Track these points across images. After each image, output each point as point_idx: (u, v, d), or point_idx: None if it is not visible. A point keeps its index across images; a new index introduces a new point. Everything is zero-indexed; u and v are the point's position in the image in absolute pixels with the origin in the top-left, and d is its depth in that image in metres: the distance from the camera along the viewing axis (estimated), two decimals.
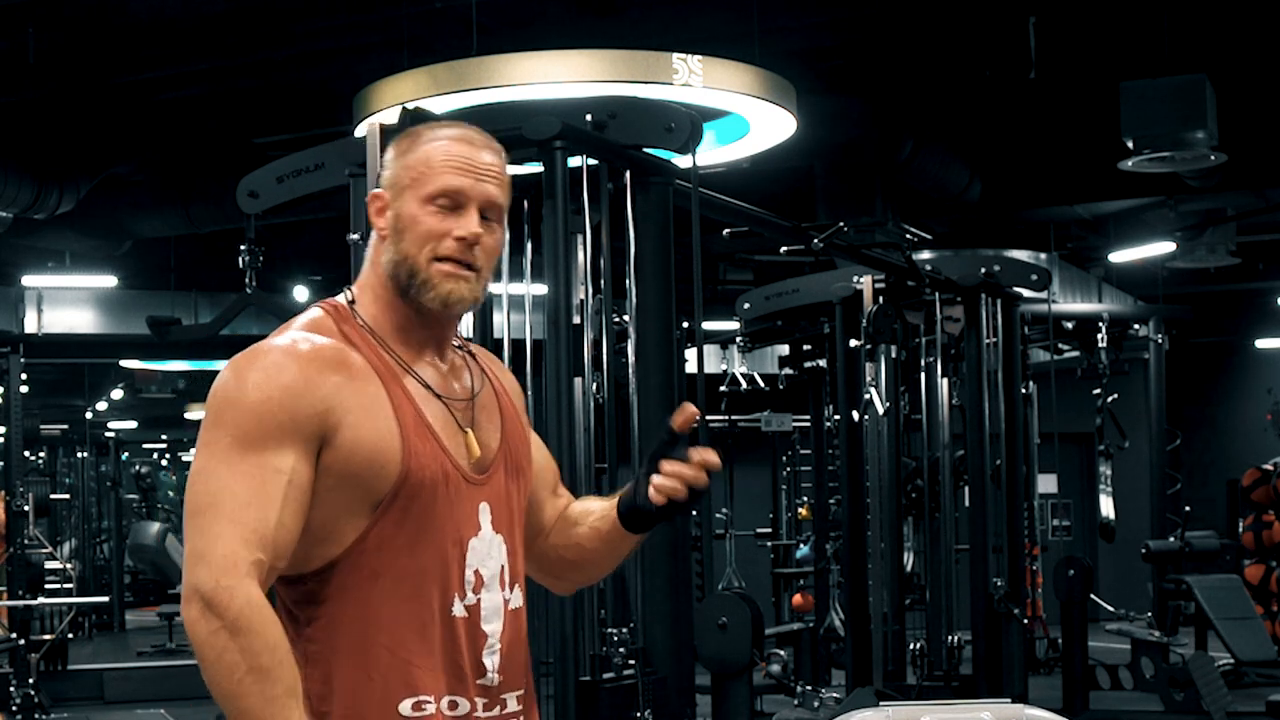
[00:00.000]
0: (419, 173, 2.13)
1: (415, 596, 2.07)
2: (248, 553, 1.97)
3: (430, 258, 2.11)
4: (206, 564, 1.96)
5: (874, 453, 7.73)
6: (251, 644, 1.94)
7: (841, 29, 8.99)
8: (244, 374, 2.05)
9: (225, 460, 2.01)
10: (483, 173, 2.14)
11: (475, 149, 2.15)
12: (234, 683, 1.95)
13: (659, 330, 4.92)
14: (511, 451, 2.22)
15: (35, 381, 14.28)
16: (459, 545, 2.11)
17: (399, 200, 2.13)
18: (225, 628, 1.94)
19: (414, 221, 2.11)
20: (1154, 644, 9.46)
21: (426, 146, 2.14)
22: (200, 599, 1.95)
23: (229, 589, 1.94)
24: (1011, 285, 8.17)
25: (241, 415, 2.02)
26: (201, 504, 2.00)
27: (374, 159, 4.35)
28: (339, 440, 2.04)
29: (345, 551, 2.06)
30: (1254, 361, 16.64)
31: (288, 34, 8.38)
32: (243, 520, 1.98)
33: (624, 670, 4.66)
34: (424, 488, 2.07)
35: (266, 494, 1.99)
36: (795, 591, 12.27)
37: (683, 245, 4.99)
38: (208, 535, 1.97)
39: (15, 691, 8.83)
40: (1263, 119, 10.00)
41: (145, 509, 19.29)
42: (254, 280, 5.46)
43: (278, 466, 2.00)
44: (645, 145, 4.85)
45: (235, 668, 1.94)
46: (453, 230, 2.11)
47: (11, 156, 9.24)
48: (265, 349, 2.08)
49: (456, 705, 2.09)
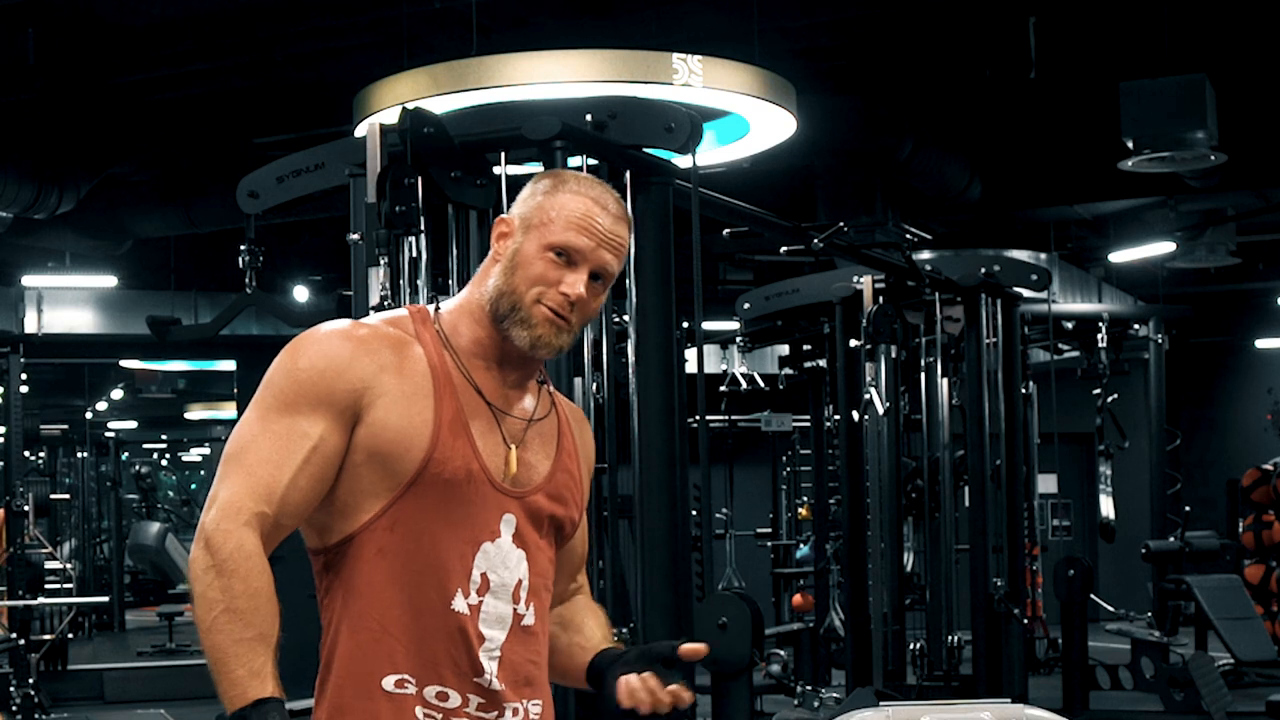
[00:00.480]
0: (549, 219, 2.21)
1: (416, 581, 2.15)
2: (253, 503, 2.08)
3: (535, 299, 2.20)
4: (216, 507, 2.08)
5: (874, 453, 7.73)
6: (233, 585, 2.04)
7: (841, 29, 8.99)
8: (301, 346, 2.17)
9: (261, 418, 2.13)
10: (605, 240, 2.22)
11: (608, 216, 2.24)
12: (210, 619, 2.05)
13: (659, 330, 4.92)
14: (558, 485, 2.28)
15: (35, 381, 14.27)
16: (472, 545, 2.17)
17: (525, 236, 2.22)
18: (214, 566, 2.05)
19: (529, 263, 2.20)
20: (1154, 644, 9.45)
21: (566, 197, 2.23)
22: (203, 537, 2.06)
23: (226, 531, 2.06)
24: (1011, 285, 8.17)
25: (286, 381, 2.15)
26: (230, 452, 2.14)
27: (374, 159, 4.35)
28: (370, 418, 2.13)
29: (361, 527, 2.15)
30: (1254, 361, 16.64)
31: (287, 34, 8.38)
32: (257, 474, 2.10)
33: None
34: (444, 480, 2.15)
35: (288, 453, 2.11)
36: (795, 591, 12.27)
37: (683, 245, 4.99)
38: (224, 481, 2.11)
39: (15, 691, 8.82)
40: (1263, 119, 10.00)
41: (145, 509, 19.27)
42: (254, 280, 5.45)
43: (306, 431, 2.12)
44: (645, 145, 4.85)
45: (214, 605, 2.04)
46: (561, 284, 2.20)
47: (11, 156, 9.24)
48: (328, 326, 2.20)
49: (446, 697, 2.15)
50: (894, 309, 7.55)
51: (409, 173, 4.17)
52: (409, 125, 4.16)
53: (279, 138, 9.71)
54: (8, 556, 9.85)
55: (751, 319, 8.80)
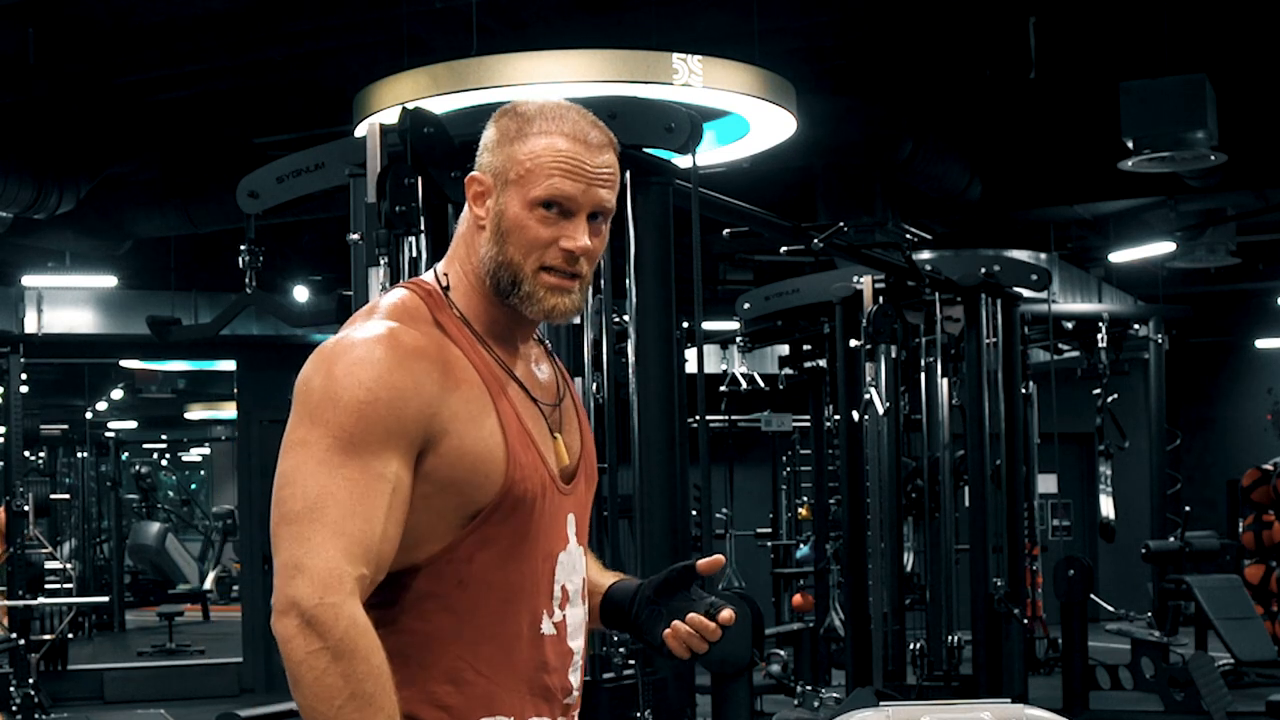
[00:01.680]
0: (526, 170, 1.97)
1: (504, 612, 1.96)
2: (353, 568, 1.83)
3: (536, 267, 1.98)
4: (308, 577, 1.81)
5: (874, 453, 7.73)
6: (355, 669, 1.81)
7: (841, 29, 8.99)
8: (344, 367, 1.89)
9: (325, 462, 1.85)
10: (595, 177, 1.99)
11: (591, 151, 1.99)
12: (333, 709, 1.80)
13: (659, 330, 4.92)
14: (588, 459, 2.14)
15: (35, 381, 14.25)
16: (550, 559, 2.01)
17: (503, 195, 1.98)
18: (328, 649, 1.80)
19: (519, 226, 1.97)
20: (1154, 644, 9.45)
21: (538, 140, 1.98)
22: (299, 615, 1.81)
23: (334, 606, 1.80)
24: (1011, 285, 8.18)
25: (343, 414, 1.86)
26: (298, 510, 1.84)
27: (374, 159, 4.35)
28: (444, 447, 1.91)
29: (431, 558, 1.94)
30: (1254, 361, 16.64)
31: (288, 34, 8.38)
32: (347, 531, 1.83)
33: (624, 670, 4.66)
34: (525, 501, 1.96)
35: (371, 502, 1.85)
36: (795, 591, 12.28)
37: (683, 245, 4.99)
38: (308, 545, 1.82)
39: (15, 691, 8.82)
40: (1263, 119, 10.00)
41: (145, 509, 19.27)
42: (254, 280, 5.45)
43: (381, 472, 1.86)
44: (645, 145, 4.85)
45: (336, 693, 1.80)
46: (560, 240, 1.97)
47: (11, 156, 9.23)
48: (362, 340, 1.91)
49: None
50: (894, 309, 7.55)
51: (409, 173, 4.17)
52: (409, 125, 4.17)
53: (279, 138, 9.71)
54: (8, 556, 9.85)
55: (751, 319, 8.81)
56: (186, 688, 11.82)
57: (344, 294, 4.93)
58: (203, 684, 11.89)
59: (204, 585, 18.01)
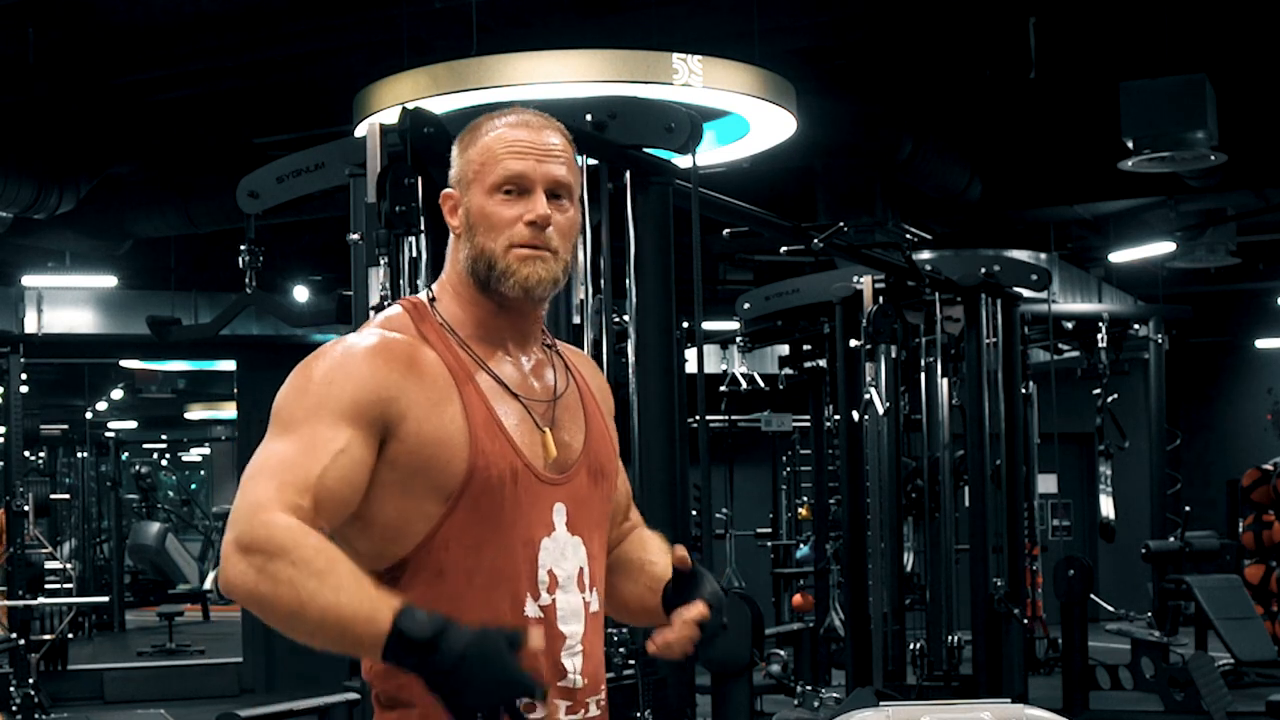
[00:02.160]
0: (481, 164, 2.12)
1: (483, 596, 2.03)
2: (282, 495, 1.90)
3: (506, 246, 2.10)
4: (240, 517, 1.90)
5: (874, 453, 7.73)
6: (303, 554, 1.85)
7: (841, 29, 8.98)
8: (311, 366, 2.05)
9: (278, 437, 1.99)
10: (544, 153, 2.12)
11: (534, 131, 2.14)
12: (301, 592, 1.83)
13: (659, 330, 4.92)
14: (594, 454, 2.19)
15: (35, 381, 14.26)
16: (530, 545, 2.07)
17: (467, 195, 2.13)
18: (271, 556, 1.85)
19: (484, 214, 2.11)
20: (1154, 644, 9.45)
21: (486, 138, 2.13)
22: (238, 550, 1.87)
23: (264, 523, 1.87)
24: (1011, 285, 8.18)
25: (303, 399, 2.01)
26: (246, 475, 1.96)
27: (374, 159, 4.35)
28: (402, 432, 2.01)
29: (414, 549, 2.03)
30: (1254, 361, 16.64)
31: (287, 34, 8.37)
32: (280, 475, 1.93)
33: (624, 670, 4.66)
34: (491, 485, 2.04)
35: (313, 454, 1.95)
36: (795, 591, 12.28)
37: (683, 245, 4.99)
38: (245, 496, 1.92)
39: (15, 691, 8.82)
40: (1263, 119, 10.00)
41: (145, 509, 19.28)
42: (254, 280, 5.45)
43: (330, 436, 1.97)
44: (645, 145, 4.85)
45: (295, 580, 1.84)
46: (522, 215, 2.09)
47: (11, 156, 9.23)
48: (336, 342, 2.08)
49: (533, 708, 2.03)
50: (894, 309, 7.55)
51: (409, 173, 4.17)
52: (409, 125, 4.16)
53: (279, 138, 9.71)
54: (8, 556, 9.85)
55: (751, 319, 8.81)
56: (186, 688, 11.82)
57: (344, 294, 4.92)
58: (203, 684, 11.89)
59: (204, 585, 18.01)
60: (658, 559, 2.30)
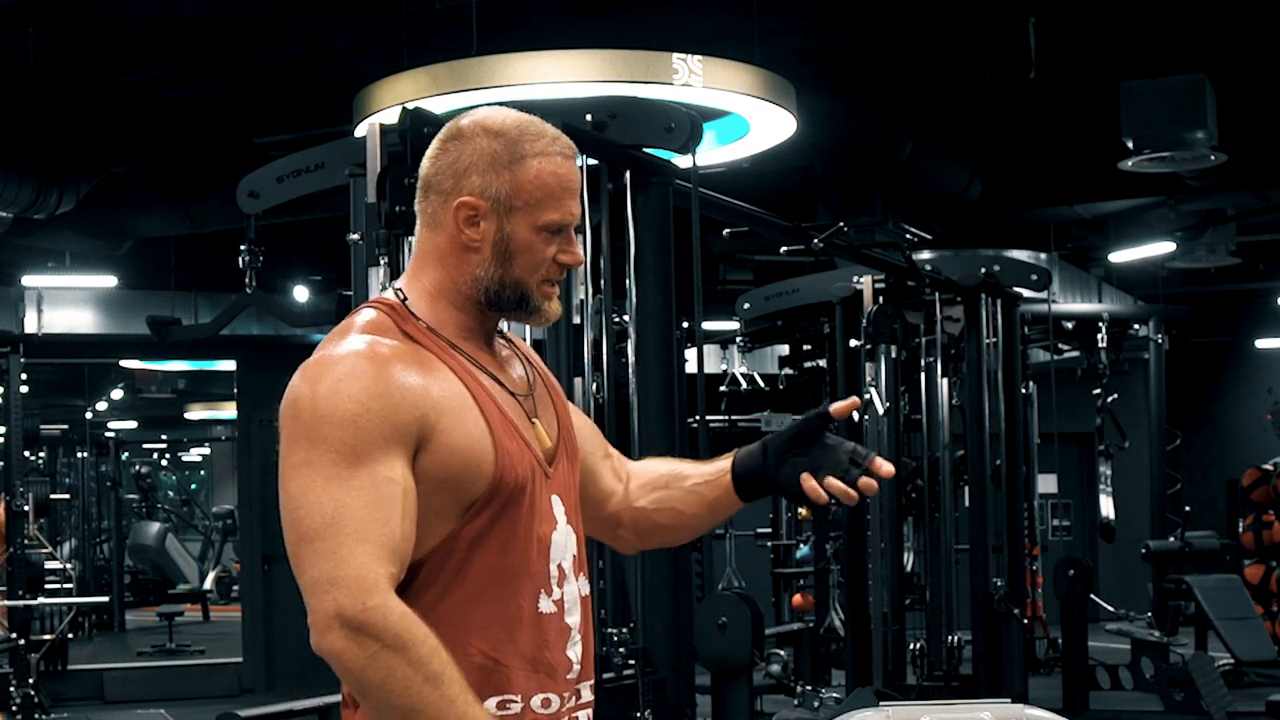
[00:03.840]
0: (536, 199, 2.06)
1: (505, 596, 2.03)
2: (383, 568, 1.90)
3: (540, 282, 2.09)
4: (345, 588, 1.88)
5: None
6: (419, 654, 1.88)
7: (841, 29, 8.99)
8: (330, 384, 1.96)
9: (334, 478, 1.92)
10: (578, 190, 2.12)
11: (572, 164, 2.11)
12: (413, 696, 1.87)
13: (659, 330, 4.92)
14: (567, 437, 2.20)
15: (35, 381, 14.25)
16: (543, 541, 2.07)
17: (508, 220, 2.07)
18: (386, 647, 1.87)
19: (528, 248, 2.07)
20: (1154, 644, 9.45)
21: (537, 166, 2.07)
22: (345, 625, 1.87)
23: (380, 608, 1.87)
24: (1011, 285, 8.18)
25: (340, 428, 1.93)
26: (317, 526, 1.91)
27: (374, 159, 4.35)
28: (435, 444, 1.98)
29: (431, 552, 2.01)
30: (1254, 361, 16.64)
31: (288, 34, 8.38)
32: (369, 537, 1.90)
33: (624, 670, 4.66)
34: (516, 488, 2.04)
35: (386, 507, 1.92)
36: (795, 591, 12.27)
37: (683, 245, 4.99)
38: (336, 558, 1.89)
39: (15, 691, 8.82)
40: (1263, 119, 10.00)
41: (145, 509, 19.28)
42: (254, 280, 5.46)
43: (390, 476, 1.93)
44: (645, 145, 4.85)
45: (410, 681, 1.87)
46: (557, 255, 2.09)
47: (11, 156, 9.23)
48: (343, 356, 1.99)
49: (550, 703, 2.06)
50: (894, 309, 7.55)
51: (409, 173, 4.16)
52: (409, 125, 4.16)
53: (279, 138, 9.70)
54: (8, 556, 9.85)
55: (751, 319, 8.81)
56: (186, 688, 11.82)
57: (344, 294, 4.93)
58: (203, 684, 11.89)
59: (204, 585, 18.01)
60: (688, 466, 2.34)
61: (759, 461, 2.24)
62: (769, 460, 2.23)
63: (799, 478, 2.17)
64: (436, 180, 2.11)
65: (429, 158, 2.13)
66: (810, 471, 2.18)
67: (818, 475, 2.18)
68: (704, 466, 2.32)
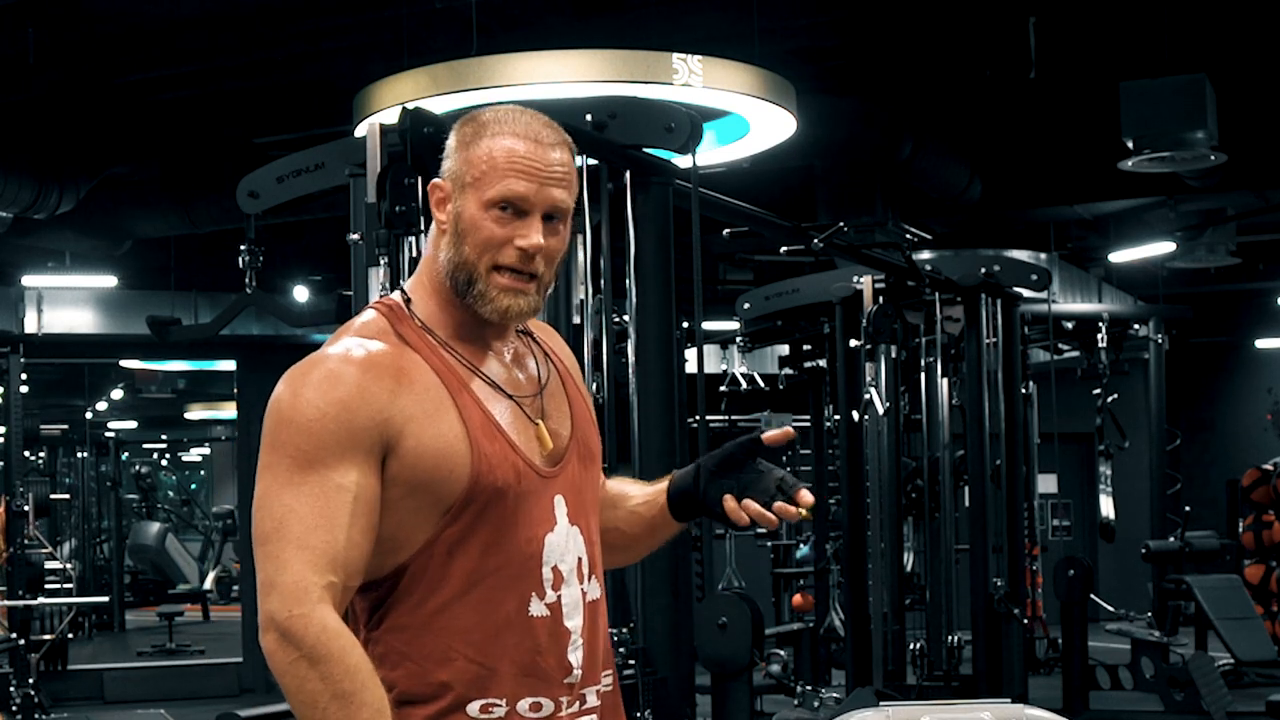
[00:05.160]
0: (481, 172, 2.04)
1: (488, 598, 2.02)
2: (318, 577, 1.93)
3: (490, 266, 2.05)
4: (278, 593, 1.93)
5: (874, 453, 7.73)
6: (331, 671, 1.91)
7: (841, 29, 8.99)
8: (298, 390, 1.99)
9: (287, 483, 1.96)
10: (548, 176, 2.06)
11: (542, 149, 2.06)
12: (319, 710, 1.91)
13: (659, 330, 4.92)
14: (582, 438, 2.18)
15: (35, 381, 14.25)
16: (533, 543, 2.05)
17: (461, 197, 2.06)
18: (304, 657, 1.91)
19: (474, 226, 2.04)
20: (1154, 644, 9.45)
21: (491, 142, 2.05)
22: (275, 629, 1.92)
23: (303, 617, 1.91)
24: (1011, 285, 8.18)
25: (297, 434, 1.96)
26: (268, 530, 1.96)
27: (374, 159, 4.35)
28: (403, 449, 1.98)
29: (413, 556, 2.02)
30: (1254, 361, 16.64)
31: (288, 34, 8.38)
32: (310, 544, 1.93)
33: (624, 670, 4.66)
34: (495, 489, 2.02)
35: (332, 514, 1.95)
36: (795, 591, 12.27)
37: (683, 245, 4.99)
38: (277, 562, 1.94)
39: (15, 691, 8.82)
40: (1263, 119, 10.00)
41: (145, 509, 19.28)
42: (254, 280, 5.46)
43: (340, 484, 1.95)
44: (645, 145, 4.85)
45: (318, 696, 1.91)
46: (514, 239, 2.04)
47: (11, 156, 9.23)
48: (319, 360, 2.01)
49: (540, 706, 2.05)
50: (894, 309, 7.55)
51: (409, 173, 4.17)
52: (409, 125, 4.16)
53: (279, 138, 9.71)
54: (8, 556, 9.85)
55: (751, 319, 8.81)
56: (186, 688, 11.82)
57: (344, 294, 4.92)
58: (203, 684, 11.88)
59: (204, 585, 18.01)
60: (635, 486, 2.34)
61: (690, 482, 2.24)
62: (699, 481, 2.22)
63: (723, 498, 2.18)
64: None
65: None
66: (736, 494, 2.19)
67: (742, 498, 2.19)
68: (647, 487, 2.32)
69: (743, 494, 2.18)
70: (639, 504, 2.30)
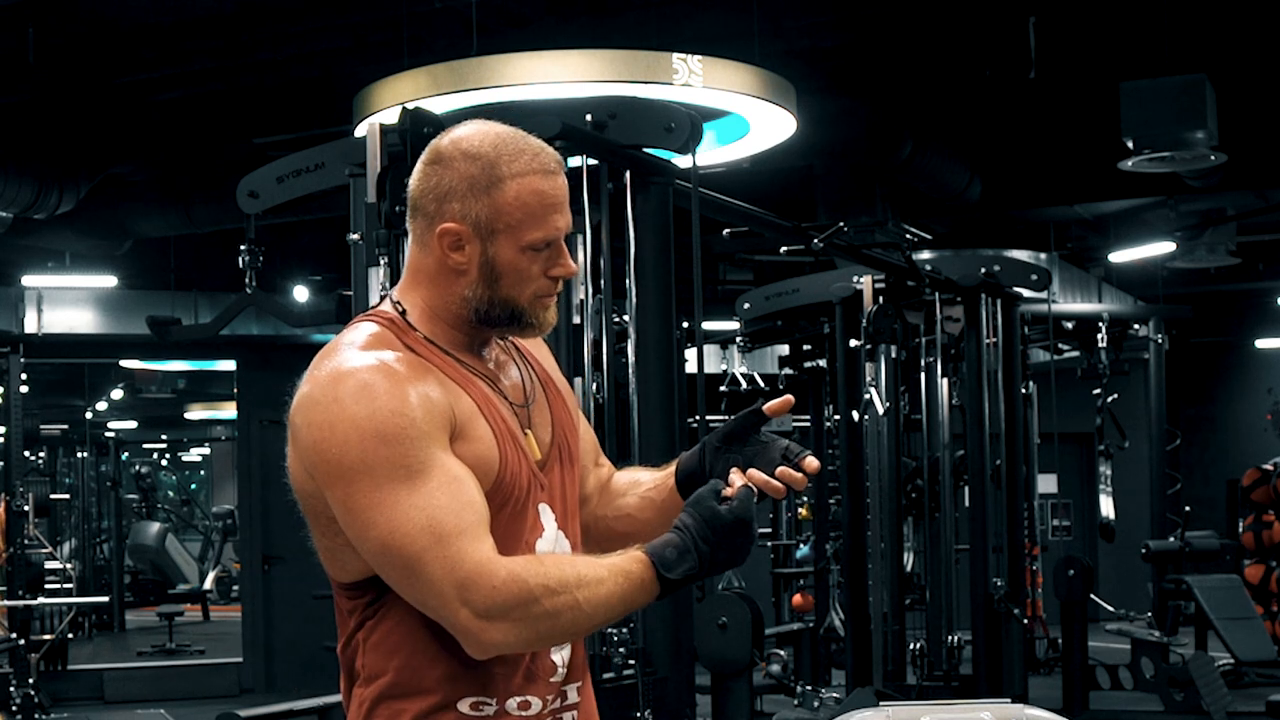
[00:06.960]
0: (517, 220, 2.05)
1: None
2: (485, 544, 1.94)
3: (533, 297, 2.09)
4: (472, 584, 1.92)
5: (874, 453, 7.73)
6: (549, 582, 1.93)
7: (841, 29, 8.98)
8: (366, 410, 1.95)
9: (413, 490, 1.94)
10: (565, 204, 2.10)
11: (556, 178, 2.09)
12: (587, 608, 1.95)
13: (659, 330, 4.92)
14: (563, 443, 2.20)
15: (35, 381, 14.25)
16: (528, 548, 2.08)
17: (491, 244, 2.06)
18: (528, 605, 1.92)
19: (514, 269, 2.07)
20: (1154, 644, 9.46)
21: (516, 185, 2.05)
22: (486, 620, 1.92)
23: (505, 582, 1.92)
24: (1011, 285, 8.18)
25: (395, 447, 1.94)
26: (422, 543, 1.92)
27: (374, 159, 4.35)
28: (457, 449, 2.01)
29: None
30: (1254, 361, 16.64)
31: (288, 34, 8.37)
32: (465, 526, 1.94)
33: (624, 670, 4.66)
34: (513, 496, 2.06)
35: (459, 490, 1.96)
36: (795, 591, 12.27)
37: (683, 245, 4.99)
38: (451, 561, 1.92)
39: (15, 691, 8.82)
40: (1263, 119, 10.00)
41: (145, 509, 19.27)
42: (254, 280, 5.46)
43: (454, 466, 1.98)
44: (645, 145, 4.85)
45: (580, 603, 1.94)
46: (552, 270, 2.10)
47: (11, 156, 9.23)
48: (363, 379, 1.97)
49: (529, 705, 2.08)
50: (894, 309, 7.55)
51: (409, 173, 4.16)
52: (409, 125, 4.16)
53: (279, 138, 9.71)
54: (8, 556, 9.85)
55: (751, 319, 8.81)
56: (186, 688, 11.82)
57: (344, 294, 4.93)
58: (203, 684, 11.89)
59: (204, 585, 18.01)
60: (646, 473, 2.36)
61: (697, 461, 2.25)
62: (706, 458, 2.24)
63: (730, 472, 2.18)
64: (421, 203, 2.11)
65: (414, 178, 2.14)
66: (742, 467, 2.18)
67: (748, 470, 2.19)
68: (656, 472, 2.33)
69: (749, 466, 2.19)
70: (649, 489, 2.32)
